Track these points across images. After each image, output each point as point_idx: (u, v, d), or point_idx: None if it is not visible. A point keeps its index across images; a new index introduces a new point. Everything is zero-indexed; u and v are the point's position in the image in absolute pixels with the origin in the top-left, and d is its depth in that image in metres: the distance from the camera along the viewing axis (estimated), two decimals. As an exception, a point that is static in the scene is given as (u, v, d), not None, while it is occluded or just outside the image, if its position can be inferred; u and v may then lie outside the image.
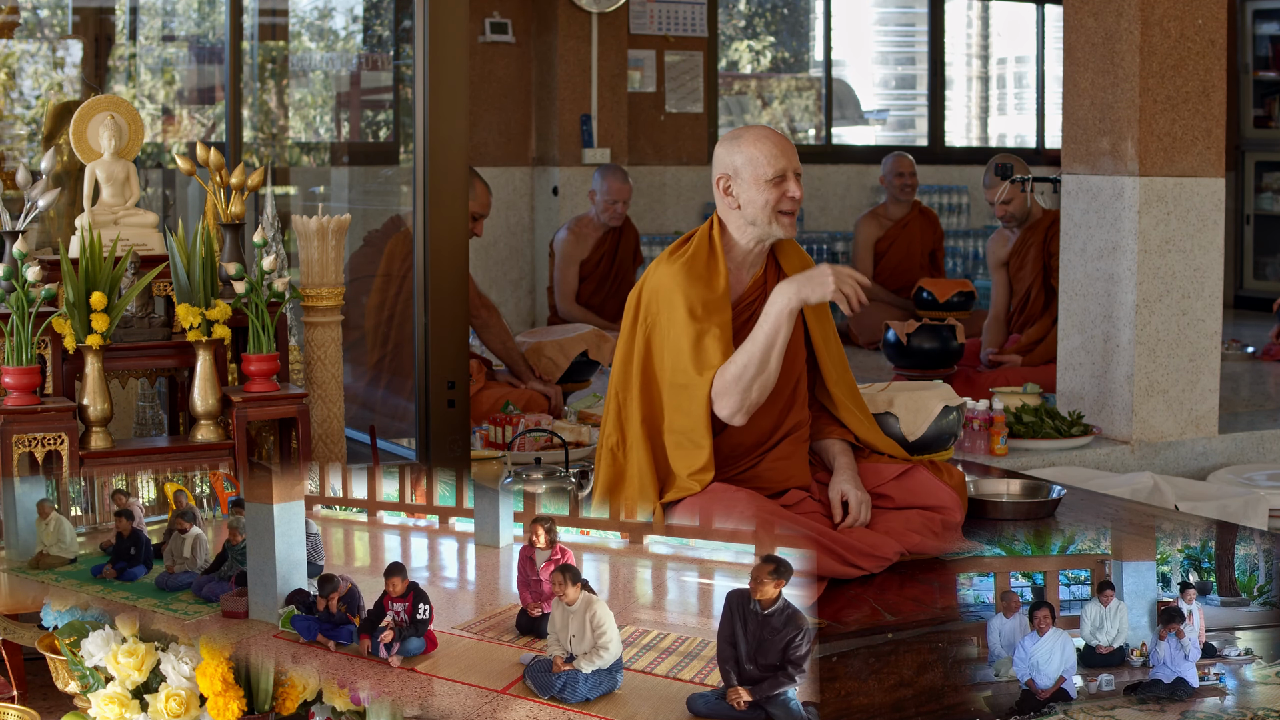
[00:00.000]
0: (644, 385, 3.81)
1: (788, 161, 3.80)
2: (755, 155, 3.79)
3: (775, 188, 3.79)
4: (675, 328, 3.75)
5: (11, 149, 5.95)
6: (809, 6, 11.47)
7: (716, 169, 3.87)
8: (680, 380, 3.74)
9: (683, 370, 3.74)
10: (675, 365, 3.76)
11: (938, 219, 8.81)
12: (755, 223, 3.82)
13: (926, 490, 3.91)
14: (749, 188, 3.80)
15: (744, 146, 3.81)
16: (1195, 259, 5.67)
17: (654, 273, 3.86)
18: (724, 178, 3.84)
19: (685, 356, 3.73)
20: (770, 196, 3.78)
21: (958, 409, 4.50)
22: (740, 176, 3.81)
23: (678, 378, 3.75)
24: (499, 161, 9.32)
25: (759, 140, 3.81)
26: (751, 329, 3.81)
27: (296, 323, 4.44)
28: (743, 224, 3.84)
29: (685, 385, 3.73)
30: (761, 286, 3.89)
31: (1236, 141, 10.80)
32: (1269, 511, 5.08)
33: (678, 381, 3.75)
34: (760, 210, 3.79)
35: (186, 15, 7.98)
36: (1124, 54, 5.57)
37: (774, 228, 3.82)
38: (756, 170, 3.78)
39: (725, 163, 3.84)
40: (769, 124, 11.19)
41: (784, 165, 3.79)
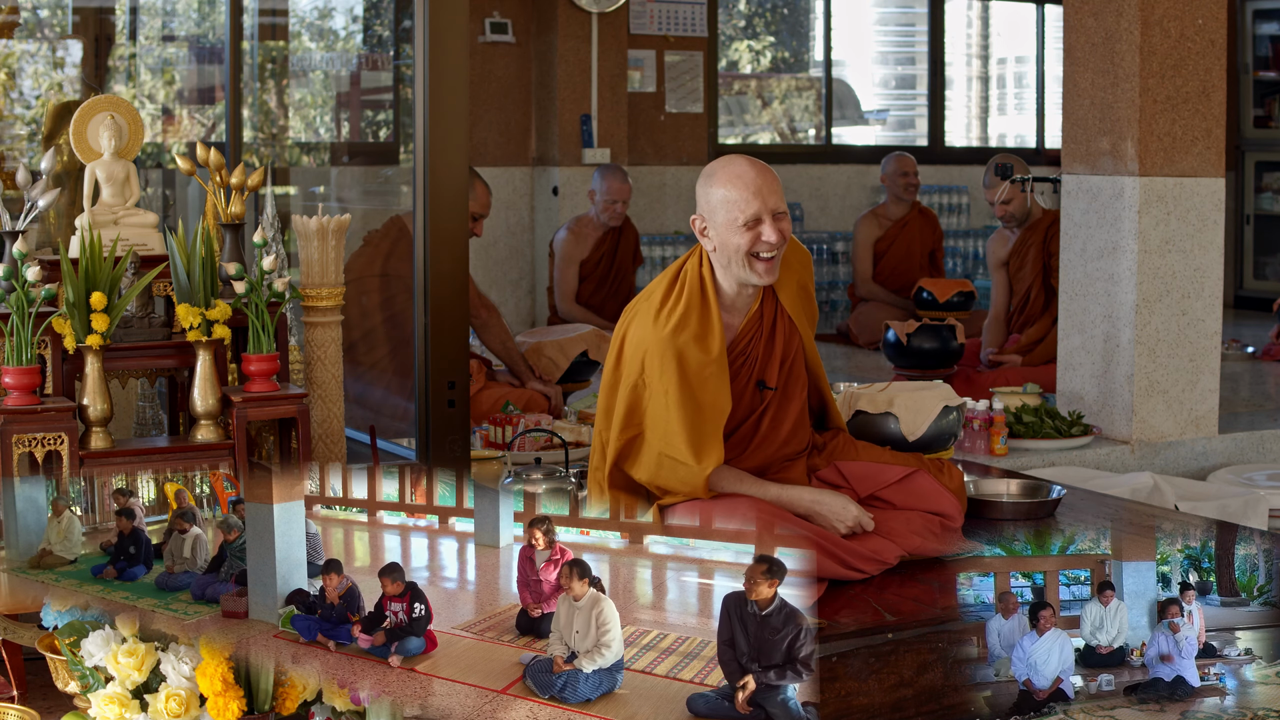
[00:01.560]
0: (626, 438, 3.64)
1: (762, 203, 3.53)
2: (728, 196, 3.55)
3: (748, 231, 3.54)
4: (667, 400, 3.54)
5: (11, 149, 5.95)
6: (809, 6, 11.47)
7: (697, 207, 3.65)
8: (673, 455, 3.57)
9: (678, 450, 3.56)
10: (668, 439, 3.57)
11: (937, 219, 8.81)
12: (730, 266, 3.60)
13: (927, 497, 3.90)
14: (722, 231, 3.56)
15: (717, 185, 3.57)
16: (1195, 259, 5.67)
17: (641, 328, 3.61)
18: (699, 219, 3.63)
19: (680, 437, 3.54)
20: (743, 241, 3.54)
21: (958, 409, 4.50)
22: (714, 219, 3.57)
23: (670, 451, 3.57)
24: (499, 161, 9.33)
25: (732, 180, 3.56)
26: (746, 372, 3.67)
27: (296, 323, 4.44)
28: (721, 266, 3.62)
29: (680, 463, 3.57)
30: (757, 324, 3.71)
31: (1236, 141, 10.80)
32: (1269, 511, 5.08)
33: (670, 454, 3.58)
34: (733, 255, 3.57)
35: (186, 15, 7.98)
36: (1124, 54, 5.57)
37: (749, 274, 3.58)
38: (729, 214, 3.54)
39: (701, 202, 3.62)
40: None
41: (757, 208, 3.53)
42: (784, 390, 3.76)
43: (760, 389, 3.74)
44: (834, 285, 9.45)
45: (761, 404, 3.75)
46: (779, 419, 3.77)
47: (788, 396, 3.77)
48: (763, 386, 3.74)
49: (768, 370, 3.74)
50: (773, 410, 3.76)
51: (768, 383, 3.73)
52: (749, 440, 3.75)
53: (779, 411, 3.77)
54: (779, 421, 3.77)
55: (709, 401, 3.58)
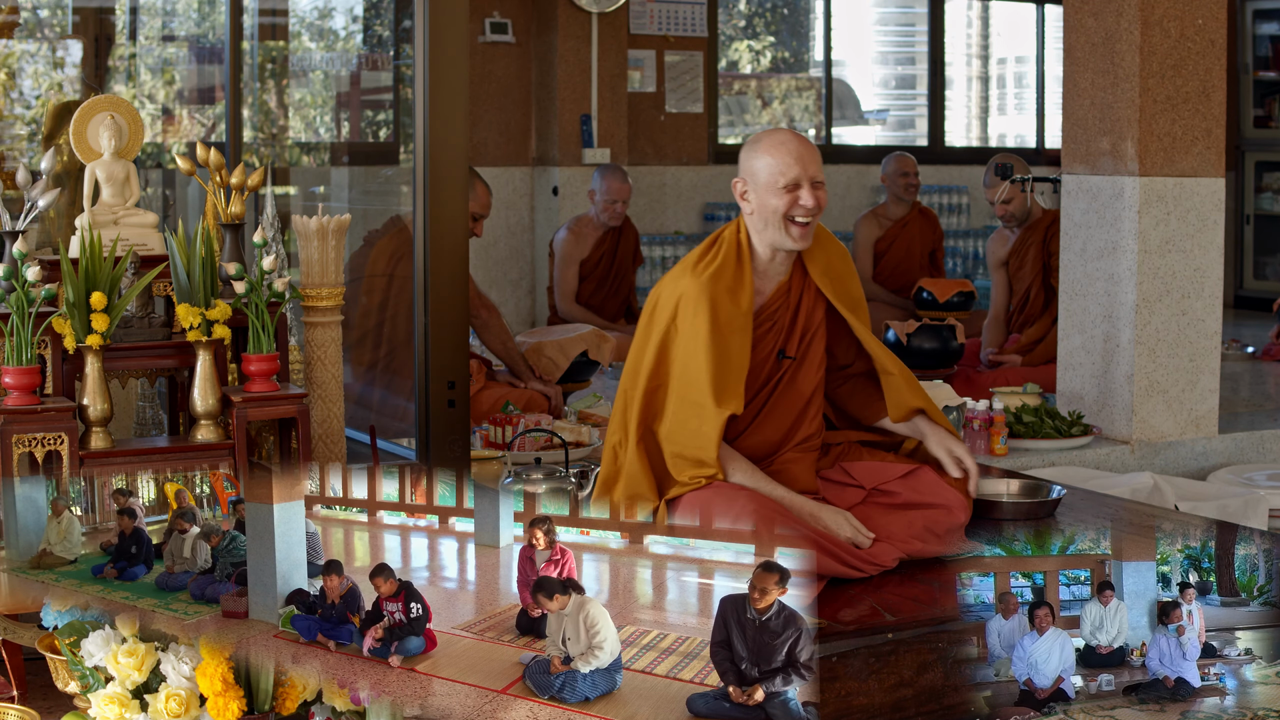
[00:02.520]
0: (650, 389, 3.77)
1: (802, 169, 3.72)
2: (770, 161, 3.73)
3: (787, 194, 3.72)
4: (696, 341, 3.69)
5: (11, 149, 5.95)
6: (809, 6, 11.47)
7: (739, 172, 3.83)
8: (694, 398, 3.69)
9: (698, 389, 3.68)
10: (691, 381, 3.70)
11: (937, 219, 8.80)
12: (767, 229, 3.77)
13: (932, 489, 3.91)
14: (762, 193, 3.75)
15: (761, 151, 3.76)
16: (1195, 259, 5.67)
17: (678, 279, 3.79)
18: (740, 181, 3.81)
19: (703, 377, 3.67)
20: (781, 203, 3.72)
21: (958, 409, 4.50)
22: (755, 181, 3.76)
23: (691, 394, 3.69)
24: (499, 161, 9.33)
25: (776, 146, 3.75)
26: (771, 339, 3.80)
27: (296, 323, 4.44)
28: (758, 228, 3.80)
29: (699, 405, 3.68)
30: (785, 295, 3.85)
31: (1236, 141, 10.80)
32: (1269, 511, 5.08)
33: (690, 398, 3.70)
34: (770, 216, 3.74)
35: (186, 15, 7.98)
36: (1124, 54, 5.57)
37: (784, 237, 3.76)
38: (770, 176, 3.73)
39: (744, 166, 3.80)
40: (769, 124, 11.21)
41: (798, 173, 3.72)
42: (801, 361, 3.87)
43: (780, 358, 3.85)
44: (834, 285, 9.44)
45: (779, 372, 3.86)
46: (792, 390, 3.86)
47: (804, 369, 3.86)
48: (783, 355, 3.85)
49: (790, 340, 3.86)
50: (787, 380, 3.86)
51: (787, 352, 3.85)
52: (760, 408, 3.84)
53: (793, 382, 3.87)
54: (792, 393, 3.86)
55: (734, 351, 3.71)
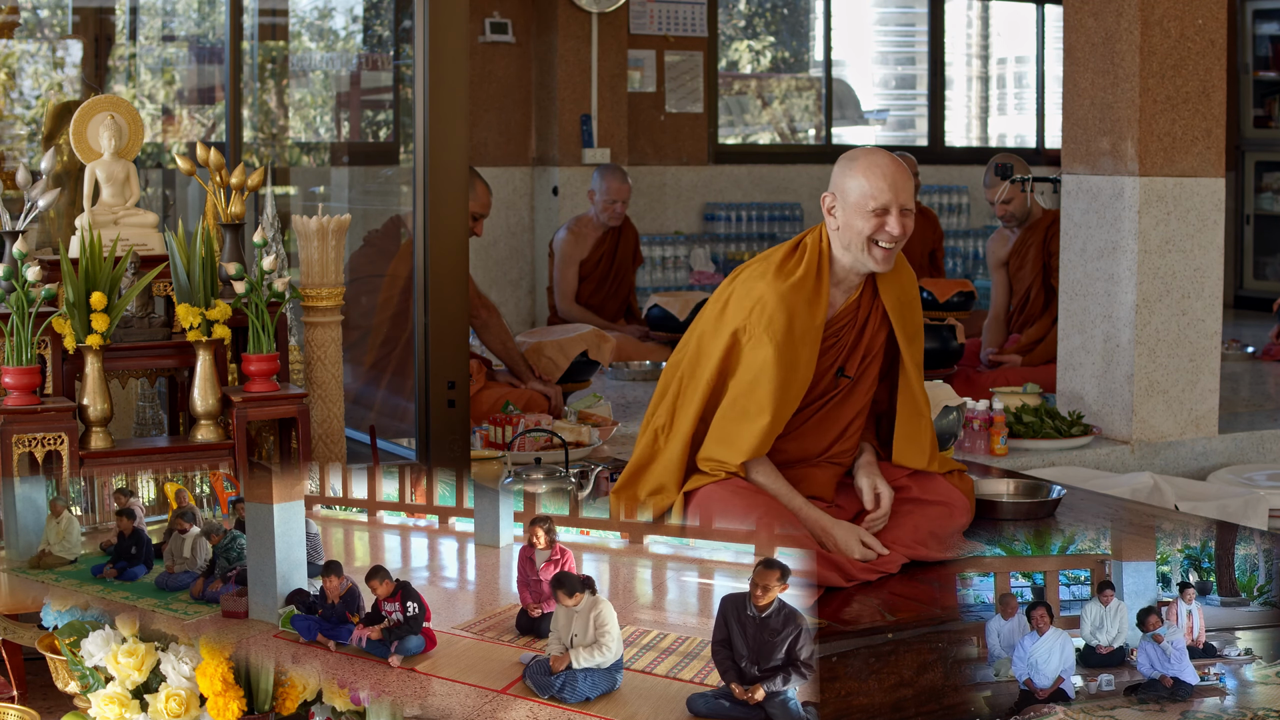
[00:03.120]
0: (715, 383, 3.76)
1: (894, 195, 3.71)
2: (863, 183, 3.73)
3: (875, 218, 3.71)
4: (771, 347, 3.68)
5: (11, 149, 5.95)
6: (809, 6, 11.47)
7: (831, 186, 3.83)
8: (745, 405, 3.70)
9: (755, 399, 3.69)
10: (750, 387, 3.70)
11: (938, 219, 8.80)
12: (849, 248, 3.76)
13: (937, 488, 3.93)
14: (850, 213, 3.74)
15: (857, 171, 3.75)
16: (1195, 259, 5.67)
17: (757, 281, 3.77)
18: (830, 196, 3.80)
19: (764, 388, 3.68)
20: (867, 226, 3.72)
21: (958, 409, 4.50)
22: (845, 199, 3.75)
23: (744, 400, 3.71)
24: (499, 161, 9.32)
25: (871, 169, 3.74)
26: (833, 355, 3.81)
27: (296, 323, 4.44)
28: (841, 247, 3.79)
29: (747, 412, 3.70)
30: (854, 312, 3.84)
31: (1236, 141, 10.80)
32: (1269, 511, 5.08)
33: (742, 403, 3.71)
34: (855, 237, 3.73)
35: (186, 15, 7.98)
36: (1124, 54, 5.57)
37: (866, 258, 3.75)
38: (861, 198, 3.72)
39: (836, 182, 3.80)
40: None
41: (889, 199, 3.71)
42: (858, 381, 3.87)
43: (839, 376, 3.85)
44: (834, 285, 9.44)
45: (834, 390, 3.86)
46: (843, 409, 3.86)
47: (858, 389, 3.87)
48: (841, 374, 3.85)
49: (851, 359, 3.86)
50: (840, 398, 3.86)
51: (847, 370, 3.86)
52: (808, 420, 3.85)
53: (845, 401, 3.87)
54: (842, 411, 3.86)
55: (802, 364, 3.72)
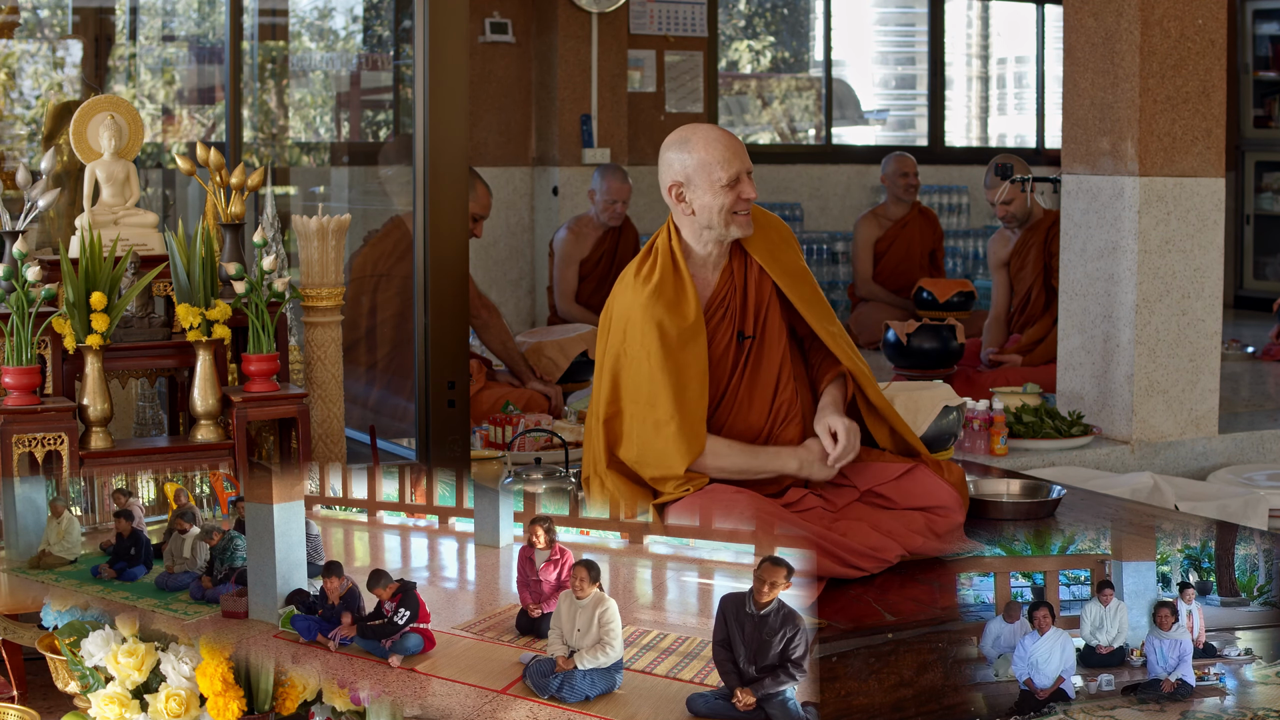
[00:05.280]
0: (609, 415, 3.77)
1: (740, 163, 3.74)
2: (707, 160, 3.73)
3: (730, 190, 3.74)
4: (652, 360, 3.70)
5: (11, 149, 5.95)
6: (809, 6, 11.47)
7: (666, 175, 3.80)
8: (654, 418, 3.70)
9: (660, 409, 3.69)
10: (648, 402, 3.71)
11: (938, 219, 8.81)
12: (711, 226, 3.77)
13: (927, 491, 3.90)
14: (703, 193, 3.75)
15: (695, 150, 3.75)
16: (1195, 259, 5.67)
17: (621, 296, 3.80)
18: (675, 185, 3.79)
19: (663, 396, 3.68)
20: (725, 200, 3.74)
21: (958, 409, 4.50)
22: (693, 183, 3.75)
23: (651, 415, 3.71)
24: (499, 161, 9.32)
25: (710, 144, 3.75)
26: (727, 325, 3.82)
27: (296, 323, 4.44)
28: (698, 229, 3.80)
29: (660, 424, 3.70)
30: (729, 279, 3.86)
31: (1236, 141, 10.80)
32: (1269, 511, 5.08)
33: (650, 419, 3.71)
34: (715, 215, 3.75)
35: (186, 15, 7.98)
36: (1124, 54, 5.57)
37: (731, 230, 3.78)
38: (710, 175, 3.73)
39: (676, 169, 3.78)
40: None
41: (738, 168, 3.73)
42: (761, 337, 3.89)
43: (740, 339, 3.87)
44: (834, 285, 9.45)
45: (742, 354, 3.87)
46: (759, 367, 3.87)
47: (765, 342, 3.89)
48: (742, 337, 3.87)
49: (745, 320, 3.88)
50: (753, 360, 3.88)
51: (745, 332, 3.87)
52: (736, 394, 3.85)
53: (759, 360, 3.88)
54: (761, 371, 3.87)
55: (692, 362, 3.73)
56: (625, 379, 3.75)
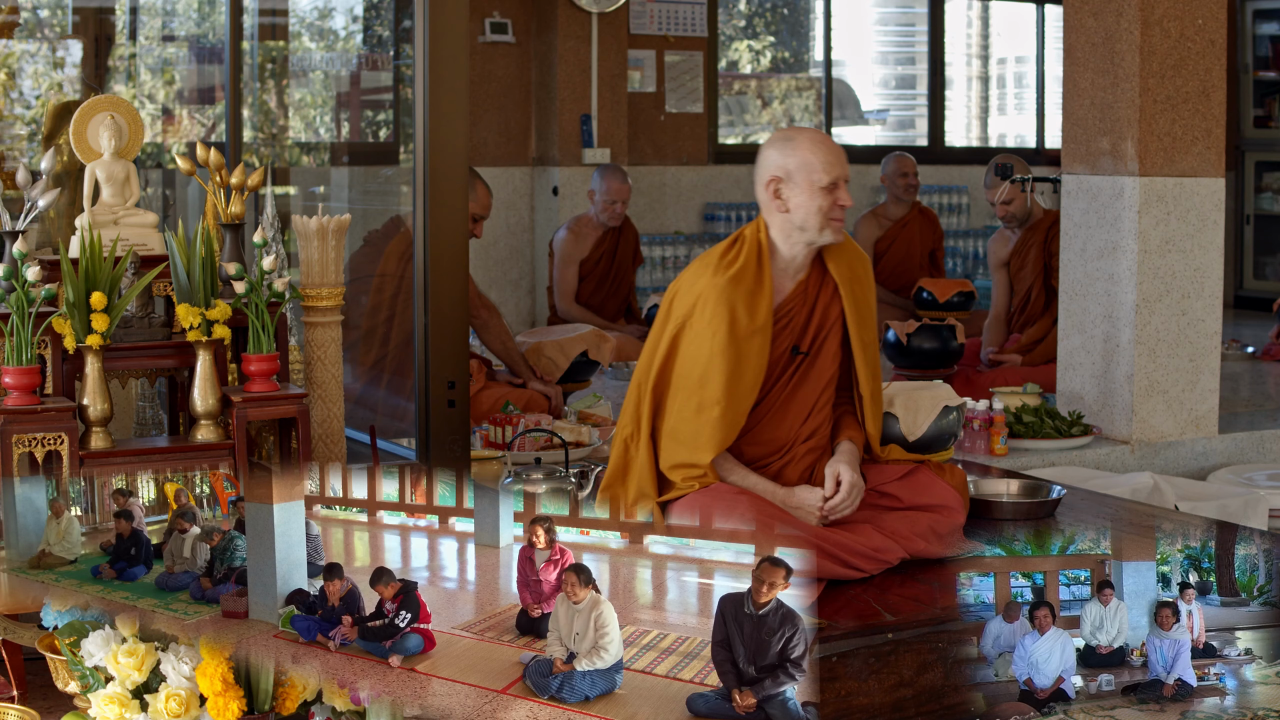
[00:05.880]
0: (658, 383, 3.78)
1: (841, 169, 3.76)
2: (810, 160, 3.74)
3: (828, 195, 3.74)
4: (713, 344, 3.70)
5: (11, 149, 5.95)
6: (809, 6, 11.47)
7: (766, 171, 3.80)
8: (700, 399, 3.71)
9: (709, 392, 3.70)
10: (700, 382, 3.71)
11: (938, 219, 8.80)
12: (805, 228, 3.77)
13: (929, 489, 3.91)
14: (801, 193, 3.75)
15: (799, 150, 3.76)
16: (1195, 259, 5.67)
17: (698, 278, 3.79)
18: (774, 180, 3.78)
19: (717, 380, 3.69)
20: (824, 203, 3.74)
21: (958, 409, 4.50)
22: (793, 180, 3.76)
23: (698, 395, 3.71)
24: (499, 161, 9.33)
25: (815, 146, 3.76)
26: (787, 336, 3.82)
27: (296, 323, 4.44)
28: (790, 228, 3.79)
29: (704, 407, 3.70)
30: (804, 291, 3.85)
31: (1236, 141, 10.80)
32: (1269, 511, 5.08)
33: (696, 399, 3.71)
34: (811, 216, 3.75)
35: (186, 15, 7.98)
36: (1124, 54, 5.57)
37: (824, 234, 3.78)
38: (811, 176, 3.74)
39: (777, 165, 3.78)
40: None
41: (838, 173, 3.75)
42: (814, 357, 3.87)
43: (794, 353, 3.86)
44: (834, 285, 9.44)
45: (792, 367, 3.86)
46: (805, 387, 3.86)
47: (817, 364, 3.87)
48: (796, 351, 3.86)
49: (804, 336, 3.87)
50: (800, 376, 3.86)
51: (801, 347, 3.86)
52: (774, 404, 3.85)
53: (806, 378, 3.87)
54: (804, 388, 3.86)
55: (753, 355, 3.73)
56: (683, 350, 3.75)
